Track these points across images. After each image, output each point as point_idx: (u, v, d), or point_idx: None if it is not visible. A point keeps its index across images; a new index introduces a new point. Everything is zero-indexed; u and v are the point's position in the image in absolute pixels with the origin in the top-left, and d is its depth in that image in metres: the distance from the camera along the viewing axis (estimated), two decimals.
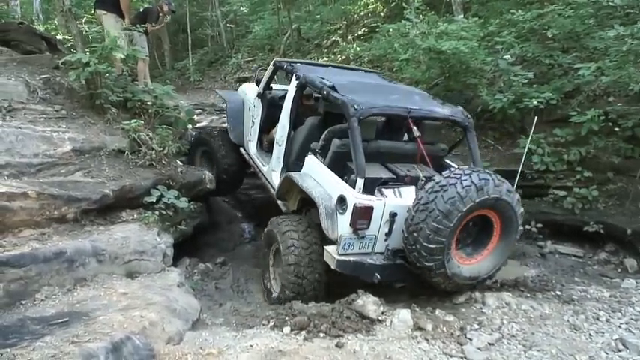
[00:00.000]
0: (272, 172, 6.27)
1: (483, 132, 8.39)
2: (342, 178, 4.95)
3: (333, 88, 5.19)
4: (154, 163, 6.04)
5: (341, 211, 4.59)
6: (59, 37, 10.65)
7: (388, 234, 4.63)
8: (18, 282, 4.03)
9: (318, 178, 5.06)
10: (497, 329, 4.34)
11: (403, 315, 4.34)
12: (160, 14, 8.79)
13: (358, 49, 12.92)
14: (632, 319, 4.61)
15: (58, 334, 3.43)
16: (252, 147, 7.01)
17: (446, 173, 4.40)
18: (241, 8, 18.11)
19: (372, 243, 4.67)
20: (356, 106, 4.76)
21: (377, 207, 4.52)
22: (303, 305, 4.57)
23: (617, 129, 6.96)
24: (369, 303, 4.40)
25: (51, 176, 5.07)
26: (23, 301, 4.00)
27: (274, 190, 6.04)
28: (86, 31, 6.61)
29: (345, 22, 15.22)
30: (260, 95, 6.87)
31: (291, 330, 4.14)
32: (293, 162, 5.90)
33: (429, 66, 8.79)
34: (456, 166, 5.38)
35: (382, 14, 14.47)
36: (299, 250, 4.93)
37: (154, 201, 5.65)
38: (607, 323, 4.51)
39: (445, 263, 4.37)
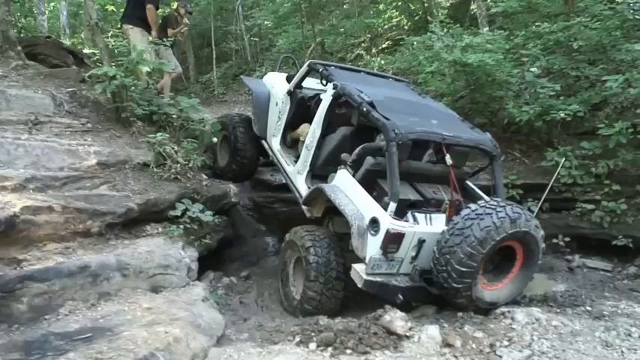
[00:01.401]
0: (297, 174, 6.29)
1: (510, 145, 8.28)
2: (371, 194, 5.09)
3: (372, 105, 5.27)
4: (179, 177, 6.07)
5: (373, 232, 4.73)
6: (86, 51, 10.86)
7: (414, 257, 4.82)
8: (42, 297, 4.03)
9: (350, 194, 5.14)
10: (527, 346, 4.20)
11: (431, 331, 4.24)
12: (178, 17, 8.83)
13: (382, 62, 12.87)
14: None
15: (81, 350, 3.42)
16: (275, 142, 6.98)
17: (482, 203, 4.65)
18: (265, 22, 18.16)
19: (398, 265, 4.83)
20: (396, 131, 4.89)
21: (408, 233, 4.68)
22: (329, 321, 4.51)
23: None
24: (396, 319, 4.31)
25: (76, 190, 5.08)
26: (47, 316, 3.99)
27: (298, 192, 6.20)
28: (112, 45, 6.66)
29: (369, 36, 15.17)
30: (290, 93, 6.81)
31: (317, 346, 4.06)
32: (319, 167, 6.05)
33: (454, 79, 8.71)
34: (477, 190, 5.79)
35: (406, 27, 14.42)
36: (321, 268, 5.09)
37: (179, 214, 5.65)
38: (639, 340, 4.36)
39: (472, 287, 4.54)
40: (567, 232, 7.24)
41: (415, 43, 9.62)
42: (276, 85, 7.36)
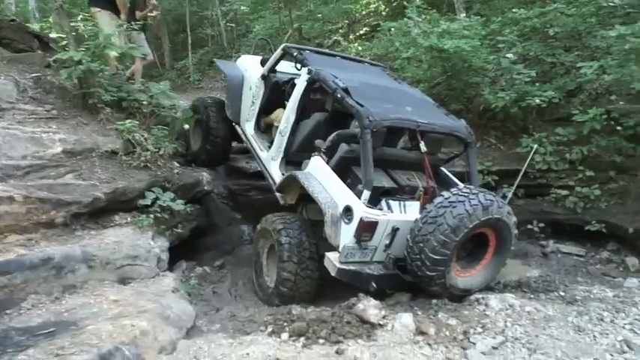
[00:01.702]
0: (271, 160, 6.22)
1: (485, 131, 8.29)
2: (345, 181, 5.06)
3: (346, 91, 5.19)
4: (149, 165, 5.91)
5: (346, 221, 4.69)
6: (53, 35, 10.52)
7: (388, 245, 4.81)
8: (3, 290, 3.89)
9: (324, 181, 5.09)
10: (500, 332, 4.19)
11: (405, 319, 4.20)
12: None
13: (360, 48, 12.78)
14: (636, 319, 4.50)
15: (42, 346, 3.29)
16: (249, 127, 6.90)
17: (454, 190, 4.60)
18: (242, 7, 17.89)
19: (372, 253, 4.80)
20: (370, 118, 4.82)
21: (381, 222, 4.64)
22: (302, 310, 4.46)
23: (619, 128, 6.88)
24: (370, 307, 4.26)
25: (40, 179, 4.90)
26: (8, 311, 3.85)
27: (271, 178, 6.14)
28: (82, 30, 6.41)
29: (347, 22, 15.06)
30: (264, 77, 6.72)
31: (290, 336, 3.99)
32: (293, 153, 5.99)
33: (431, 65, 8.66)
34: (451, 176, 5.79)
35: (384, 13, 14.32)
36: (293, 248, 5.05)
37: (149, 204, 5.51)
38: (611, 324, 4.40)
39: (446, 274, 4.55)
40: (542, 217, 7.31)
41: (392, 29, 9.53)
42: (249, 68, 7.22)
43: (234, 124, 7.26)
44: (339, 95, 5.21)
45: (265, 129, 6.89)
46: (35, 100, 5.92)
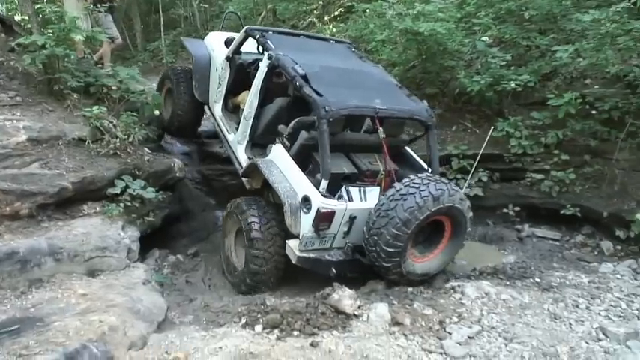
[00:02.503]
0: (237, 144, 6.26)
1: (461, 115, 8.26)
2: (306, 167, 5.19)
3: (304, 78, 5.18)
4: (118, 152, 5.73)
5: (305, 211, 4.77)
6: (17, 18, 10.16)
7: (347, 233, 4.93)
8: None
9: (284, 170, 5.18)
10: (477, 321, 4.21)
11: (380, 309, 4.20)
12: None
13: (334, 30, 12.63)
14: (611, 305, 4.57)
15: (6, 345, 3.19)
16: (217, 108, 6.90)
17: (406, 181, 4.70)
18: None
19: (330, 240, 4.93)
20: (327, 108, 4.85)
21: (339, 211, 4.74)
22: (276, 301, 4.42)
23: (594, 112, 6.90)
24: (344, 297, 4.24)
25: (3, 169, 4.72)
26: None
27: (238, 162, 6.22)
28: (48, 12, 6.15)
29: (321, 3, 14.83)
30: (229, 59, 6.66)
31: (264, 328, 3.95)
32: (259, 136, 6.03)
33: (406, 47, 8.57)
34: (415, 156, 5.91)
35: None
36: (259, 227, 5.13)
37: (119, 192, 5.37)
38: (587, 311, 4.45)
39: (401, 263, 4.72)
40: (517, 201, 7.34)
41: (367, 10, 9.40)
42: (216, 48, 7.14)
43: (203, 104, 7.28)
44: (297, 83, 5.21)
45: (233, 109, 6.91)
46: None
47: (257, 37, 6.14)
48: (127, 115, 6.13)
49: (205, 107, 7.30)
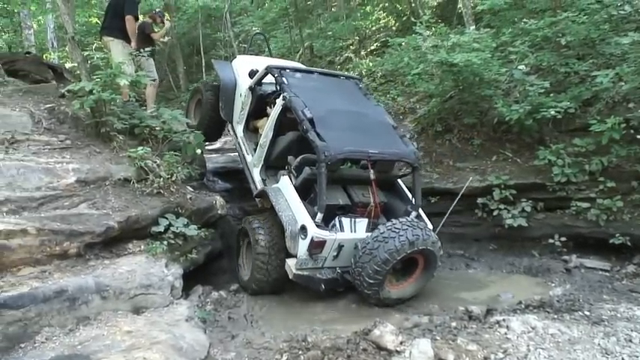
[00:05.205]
0: (254, 166, 7.16)
1: (501, 144, 8.18)
2: (309, 196, 6.11)
3: (311, 122, 5.97)
4: (161, 191, 5.90)
5: (302, 237, 5.63)
6: (68, 65, 10.67)
7: (336, 257, 5.81)
8: (17, 324, 3.89)
9: (288, 199, 6.02)
10: (523, 357, 4.07)
11: (423, 345, 4.10)
12: (153, 24, 8.71)
13: (371, 64, 12.78)
14: None
15: None
16: (239, 129, 7.79)
17: (389, 225, 5.57)
18: (253, 28, 18.05)
19: (322, 262, 5.79)
20: (326, 154, 5.65)
21: (329, 240, 5.61)
22: (317, 337, 4.36)
23: (639, 136, 6.72)
24: (386, 333, 4.19)
25: (53, 209, 4.91)
26: (22, 345, 3.85)
27: (254, 182, 7.14)
28: (97, 59, 6.47)
29: (358, 38, 15.04)
30: (251, 89, 7.43)
31: None
32: (272, 161, 6.93)
33: (442, 79, 8.60)
34: (405, 189, 6.70)
35: (394, 28, 14.29)
36: (265, 242, 6.02)
37: (162, 230, 5.51)
38: None
39: (380, 291, 5.59)
40: (563, 231, 7.15)
41: (402, 44, 9.48)
42: (241, 74, 7.96)
43: (227, 123, 8.23)
44: (304, 127, 5.99)
45: (254, 129, 7.72)
46: (49, 130, 5.96)
47: (276, 75, 6.86)
48: (170, 154, 6.32)
49: (228, 126, 8.21)
